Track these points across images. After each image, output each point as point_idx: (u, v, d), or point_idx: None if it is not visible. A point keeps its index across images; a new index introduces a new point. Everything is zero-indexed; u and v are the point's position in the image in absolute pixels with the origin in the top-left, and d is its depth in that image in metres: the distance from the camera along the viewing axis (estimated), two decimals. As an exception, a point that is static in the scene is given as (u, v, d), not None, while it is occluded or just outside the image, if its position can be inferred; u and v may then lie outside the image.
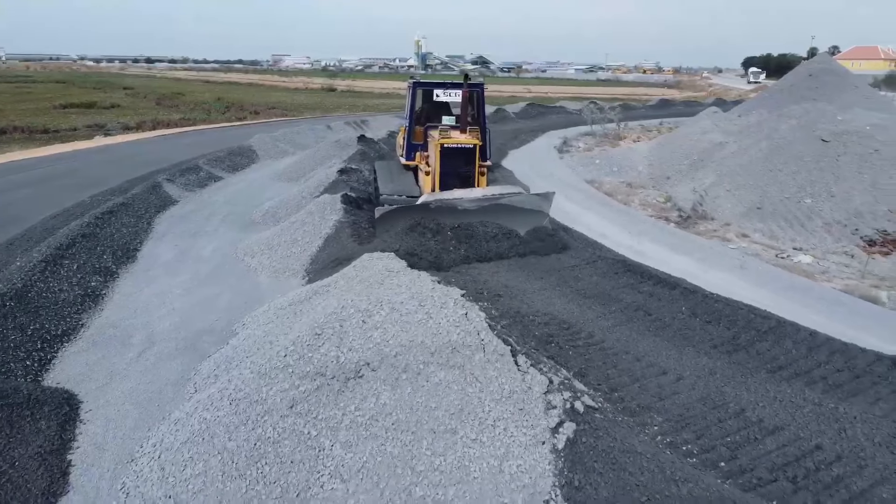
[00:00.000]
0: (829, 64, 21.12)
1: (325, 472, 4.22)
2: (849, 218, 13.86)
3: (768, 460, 4.67)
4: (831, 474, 4.53)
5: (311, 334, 4.91)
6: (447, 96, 12.12)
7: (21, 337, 6.62)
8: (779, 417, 5.22)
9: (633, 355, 6.28)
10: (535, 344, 6.27)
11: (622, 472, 4.14)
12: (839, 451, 4.79)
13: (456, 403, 4.49)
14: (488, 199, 9.84)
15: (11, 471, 4.63)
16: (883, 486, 4.41)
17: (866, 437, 4.95)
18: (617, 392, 5.53)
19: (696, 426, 5.09)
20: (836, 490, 4.37)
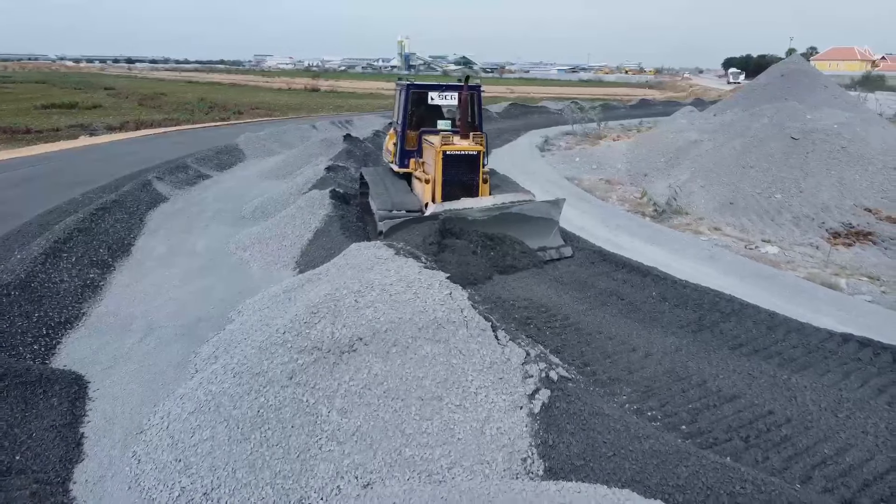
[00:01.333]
0: (800, 65, 21.85)
1: (323, 435, 4.63)
2: (816, 212, 14.50)
3: (724, 423, 5.16)
4: (780, 434, 5.02)
5: (307, 313, 5.32)
6: (442, 99, 11.37)
7: (27, 323, 6.96)
8: (736, 387, 5.71)
9: (605, 335, 6.76)
10: (515, 326, 6.72)
11: (591, 431, 4.60)
12: (789, 415, 5.29)
13: (441, 373, 4.92)
14: (498, 208, 9.49)
15: (30, 441, 5.00)
16: (825, 443, 4.90)
17: (814, 403, 5.46)
18: (589, 366, 6.00)
19: (661, 395, 5.57)
20: (783, 447, 4.86)
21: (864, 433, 5.01)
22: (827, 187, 15.37)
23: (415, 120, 11.51)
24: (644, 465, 4.21)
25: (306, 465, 4.50)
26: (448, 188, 10.08)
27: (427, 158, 10.75)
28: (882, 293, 9.13)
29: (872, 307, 8.40)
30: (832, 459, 4.70)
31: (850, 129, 17.05)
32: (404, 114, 11.37)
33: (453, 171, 10.07)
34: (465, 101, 10.48)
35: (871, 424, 5.13)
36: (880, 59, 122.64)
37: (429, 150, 10.62)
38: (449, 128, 11.20)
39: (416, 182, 11.16)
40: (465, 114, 10.53)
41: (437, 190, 10.12)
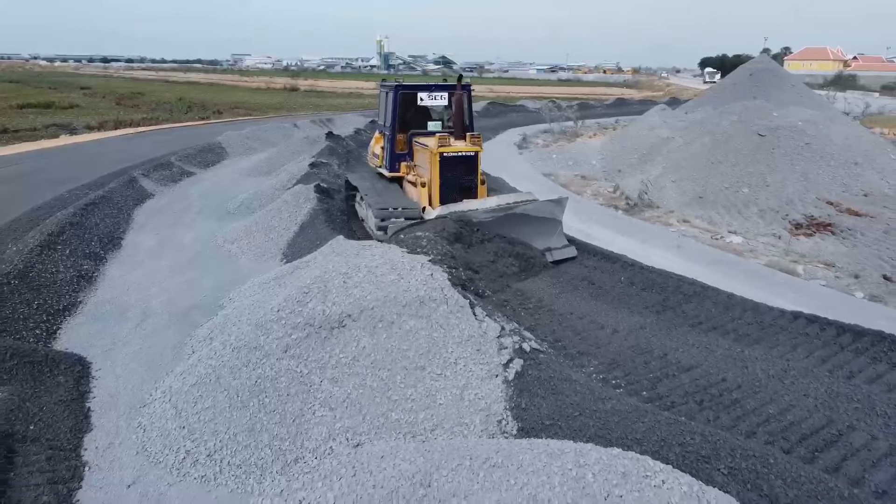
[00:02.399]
0: (768, 64, 22.61)
1: (316, 402, 5.06)
2: (781, 205, 15.16)
3: (681, 389, 5.68)
4: (731, 398, 5.55)
5: (299, 293, 5.75)
6: (432, 100, 10.99)
7: (28, 310, 7.29)
8: (694, 359, 6.24)
9: (576, 315, 7.26)
10: (492, 307, 7.19)
11: (560, 395, 5.08)
12: (740, 382, 5.83)
13: (424, 346, 5.38)
14: (503, 209, 9.25)
15: (41, 413, 5.37)
16: (770, 405, 5.44)
17: (763, 372, 6.00)
18: (560, 342, 6.50)
19: (625, 367, 6.09)
20: (732, 409, 5.39)
21: (805, 396, 5.56)
22: (791, 181, 16.06)
23: (404, 122, 11.10)
24: (606, 422, 4.70)
25: (301, 429, 4.93)
26: (446, 191, 9.80)
27: (420, 161, 10.49)
28: (836, 278, 9.75)
29: (826, 290, 9.01)
30: (775, 418, 5.24)
31: (814, 127, 17.78)
32: (393, 116, 10.96)
33: (451, 174, 9.79)
34: (460, 101, 10.27)
35: (812, 389, 5.68)
36: (852, 59, 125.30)
37: (422, 153, 10.35)
38: (439, 129, 10.90)
39: (408, 186, 10.81)
40: (459, 114, 10.30)
41: (435, 193, 9.85)
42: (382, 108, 11.84)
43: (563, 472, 3.72)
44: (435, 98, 11.01)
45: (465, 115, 10.92)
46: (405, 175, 10.83)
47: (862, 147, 18.05)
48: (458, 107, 10.29)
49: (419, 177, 10.26)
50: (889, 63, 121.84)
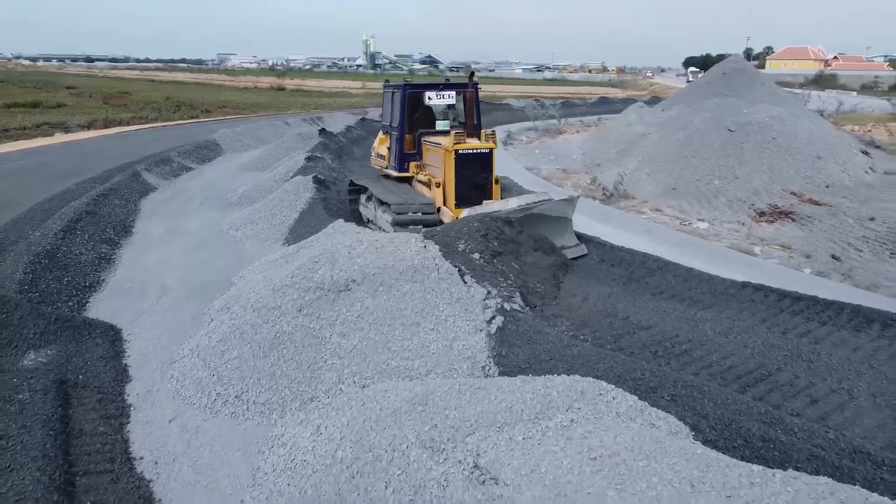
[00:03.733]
0: (740, 64, 23.70)
1: (327, 352, 5.93)
2: (748, 195, 16.19)
3: (639, 343, 6.60)
4: (681, 349, 6.48)
5: (310, 262, 6.62)
6: (440, 99, 10.95)
7: (60, 285, 8.10)
8: (652, 320, 7.17)
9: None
10: (482, 276, 8.08)
11: (534, 345, 5.99)
12: (690, 337, 6.76)
13: (419, 306, 6.27)
14: (523, 209, 9.08)
15: (85, 367, 6.20)
16: (713, 354, 6.37)
17: (711, 330, 6.94)
18: (537, 307, 7.40)
19: (593, 326, 7.00)
20: (682, 357, 6.32)
21: (744, 347, 6.50)
22: (759, 174, 17.11)
23: (411, 122, 11.09)
24: (573, 363, 5.61)
25: (315, 374, 5.80)
26: (461, 189, 9.69)
27: (432, 161, 10.42)
28: (789, 258, 10.76)
29: (778, 267, 10.00)
30: (716, 363, 6.18)
31: (781, 123, 18.87)
32: (402, 115, 10.88)
33: (466, 172, 9.67)
34: (472, 99, 10.34)
35: (750, 342, 6.62)
36: (833, 58, 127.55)
37: (434, 152, 10.31)
38: (447, 128, 10.92)
39: (418, 186, 10.82)
40: (471, 112, 10.35)
41: (450, 192, 9.74)
42: (388, 109, 11.77)
43: (534, 391, 4.62)
44: (443, 97, 10.98)
45: (476, 114, 11.06)
46: (415, 175, 10.86)
47: (826, 142, 19.17)
48: (471, 104, 10.38)
49: (433, 177, 10.22)
50: (868, 63, 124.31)
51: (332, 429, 4.86)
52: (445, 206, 9.83)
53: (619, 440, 3.99)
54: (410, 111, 11.02)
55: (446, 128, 10.97)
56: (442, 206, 9.87)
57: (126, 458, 4.98)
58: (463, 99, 11.02)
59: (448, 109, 11.53)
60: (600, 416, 4.44)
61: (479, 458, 3.99)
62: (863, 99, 51.63)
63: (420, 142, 10.92)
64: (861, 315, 7.13)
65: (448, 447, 4.14)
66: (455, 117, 11.45)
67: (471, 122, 10.39)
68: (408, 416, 4.53)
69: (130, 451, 5.10)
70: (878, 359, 6.29)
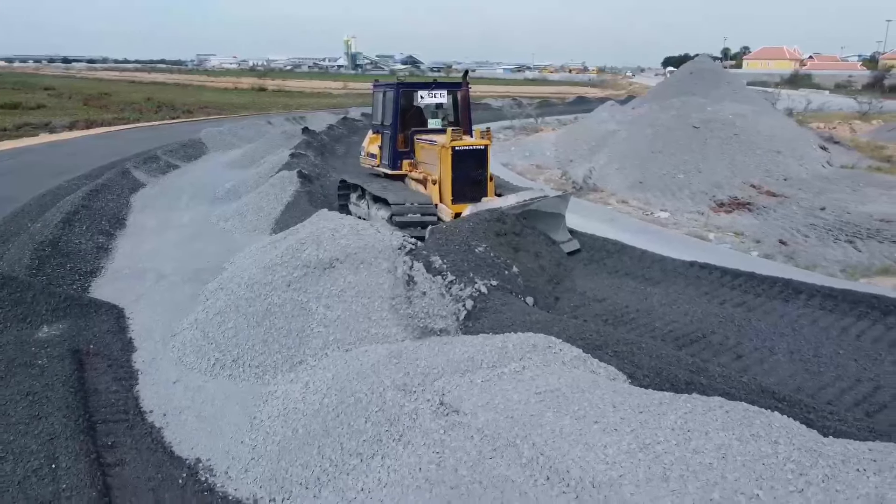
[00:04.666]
0: (707, 64, 24.75)
1: (314, 321, 6.66)
2: (710, 188, 17.13)
3: (592, 313, 7.42)
4: (629, 318, 7.30)
5: (297, 243, 7.35)
6: (432, 97, 11.22)
7: (63, 271, 8.75)
8: (606, 294, 7.99)
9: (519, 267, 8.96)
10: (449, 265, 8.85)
11: (499, 314, 6.77)
12: (639, 308, 7.58)
13: (393, 278, 7.03)
14: (522, 206, 9.35)
15: (94, 338, 6.88)
16: (658, 321, 7.19)
17: (658, 302, 7.77)
18: (503, 283, 8.18)
19: (551, 299, 7.80)
20: (629, 324, 7.14)
21: (685, 315, 7.34)
22: (721, 168, 18.07)
23: (404, 120, 11.31)
24: (531, 327, 6.38)
25: (303, 340, 6.52)
26: (458, 186, 9.95)
27: (426, 158, 10.69)
28: (740, 243, 11.66)
29: (728, 251, 10.88)
30: (659, 329, 7.00)
31: (743, 119, 19.88)
32: (395, 114, 11.08)
33: (463, 168, 9.89)
34: (466, 97, 10.57)
35: (691, 311, 7.45)
36: (808, 58, 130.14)
37: (428, 150, 10.57)
38: (439, 126, 11.18)
39: (412, 184, 11.05)
40: (466, 110, 10.61)
41: (447, 189, 9.97)
42: (379, 108, 11.93)
43: (493, 345, 5.40)
44: (435, 96, 11.24)
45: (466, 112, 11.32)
46: (409, 172, 11.09)
47: (785, 137, 20.22)
48: (465, 103, 10.64)
49: (428, 174, 10.46)
50: (843, 62, 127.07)
51: (320, 382, 5.61)
52: (442, 203, 10.10)
53: (562, 380, 4.78)
54: (403, 110, 11.23)
55: (438, 126, 11.22)
56: (439, 202, 10.12)
57: (138, 410, 5.68)
58: (454, 98, 11.36)
59: (437, 108, 11.79)
60: (548, 364, 5.23)
61: (444, 396, 4.75)
62: (832, 98, 53.18)
63: (412, 140, 11.15)
64: (791, 287, 8.01)
65: (418, 389, 4.89)
66: (445, 116, 11.71)
67: (466, 120, 10.62)
68: (384, 367, 5.28)
69: (141, 405, 5.80)
70: (800, 323, 7.16)
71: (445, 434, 4.30)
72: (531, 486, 3.48)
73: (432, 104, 11.64)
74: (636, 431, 3.74)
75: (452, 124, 11.19)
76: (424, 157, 10.83)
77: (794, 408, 4.88)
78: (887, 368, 6.09)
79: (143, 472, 4.76)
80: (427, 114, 11.80)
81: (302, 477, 4.60)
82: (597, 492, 3.24)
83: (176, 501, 4.47)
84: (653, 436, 3.65)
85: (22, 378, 5.80)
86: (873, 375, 5.97)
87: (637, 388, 4.72)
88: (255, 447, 5.09)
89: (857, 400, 5.54)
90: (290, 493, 4.52)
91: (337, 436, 4.78)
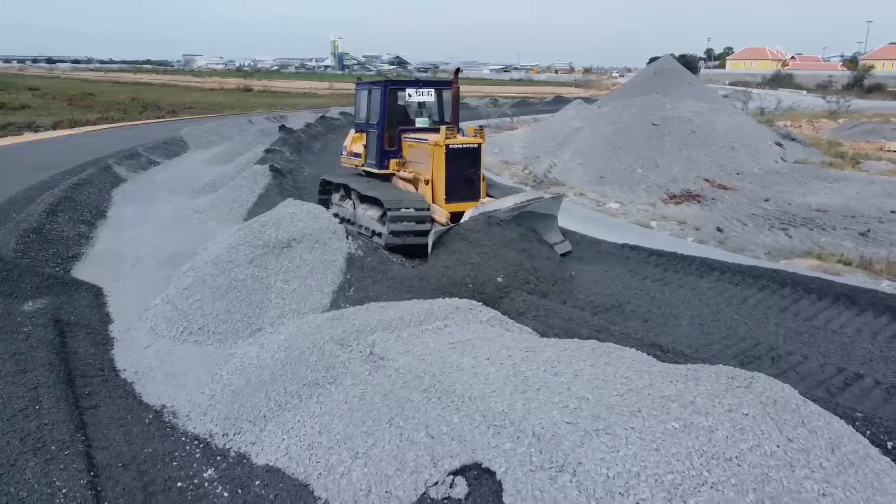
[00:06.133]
0: (671, 64, 25.79)
1: (272, 294, 7.48)
2: (666, 182, 18.05)
3: (533, 279, 8.27)
4: (556, 290, 8.16)
5: (259, 226, 8.16)
6: (420, 96, 11.06)
7: (47, 255, 9.48)
8: (550, 271, 8.83)
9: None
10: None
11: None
12: (574, 284, 8.45)
13: (344, 256, 7.86)
14: (519, 207, 9.35)
15: (75, 312, 7.64)
16: (579, 294, 8.06)
17: (585, 278, 8.64)
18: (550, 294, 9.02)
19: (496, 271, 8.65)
20: (556, 296, 8.00)
21: (606, 289, 8.21)
22: (678, 163, 19.01)
23: (391, 119, 11.09)
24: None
25: (262, 310, 7.34)
26: (452, 184, 9.82)
27: (417, 157, 10.55)
28: (681, 230, 12.58)
29: (666, 236, 11.80)
30: (582, 300, 7.87)
31: (700, 117, 20.85)
32: (382, 113, 10.90)
33: (456, 167, 9.79)
34: (456, 95, 10.41)
35: (614, 286, 8.34)
36: (790, 58, 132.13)
37: (419, 149, 10.44)
38: (427, 125, 11.13)
39: (399, 183, 10.91)
40: (456, 108, 10.45)
41: (441, 188, 9.85)
42: (364, 106, 11.77)
43: (422, 307, 6.26)
44: (422, 94, 11.10)
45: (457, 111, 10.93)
46: (396, 172, 10.95)
47: (741, 134, 21.22)
48: (456, 102, 10.49)
49: (420, 174, 10.30)
50: (825, 62, 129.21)
51: (272, 344, 6.43)
52: (435, 203, 9.95)
53: (475, 334, 5.63)
54: (391, 108, 11.07)
55: (426, 125, 11.16)
56: (432, 202, 9.97)
57: (112, 369, 6.47)
58: (441, 96, 11.35)
59: (420, 107, 11.58)
60: (468, 322, 6.09)
61: (374, 347, 5.58)
62: (804, 97, 54.53)
63: (400, 138, 11.01)
64: (706, 265, 8.93)
65: (353, 342, 5.73)
66: (430, 114, 11.57)
67: (456, 118, 10.49)
68: (327, 326, 6.11)
69: (115, 365, 6.59)
70: (707, 295, 8.06)
71: (370, 375, 5.14)
72: (425, 402, 4.32)
73: (415, 103, 11.46)
74: (516, 364, 4.59)
75: (440, 123, 11.13)
76: (414, 155, 10.70)
77: (675, 356, 5.75)
78: (769, 329, 7.00)
79: (114, 413, 5.55)
80: (411, 112, 11.67)
81: (251, 415, 5.41)
82: (472, 402, 4.09)
83: (142, 435, 5.27)
84: (527, 366, 4.51)
85: (9, 342, 6.55)
86: (757, 335, 6.87)
87: (536, 337, 5.58)
88: (214, 395, 5.89)
89: (735, 353, 6.44)
90: (240, 429, 5.33)
91: (282, 382, 5.60)
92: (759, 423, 3.54)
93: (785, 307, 7.61)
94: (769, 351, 6.48)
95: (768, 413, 3.63)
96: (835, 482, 3.49)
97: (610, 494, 3.10)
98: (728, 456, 3.33)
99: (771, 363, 6.23)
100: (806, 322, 7.20)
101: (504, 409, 3.86)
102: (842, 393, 5.68)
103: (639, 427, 3.45)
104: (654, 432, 3.41)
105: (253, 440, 5.14)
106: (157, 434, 5.32)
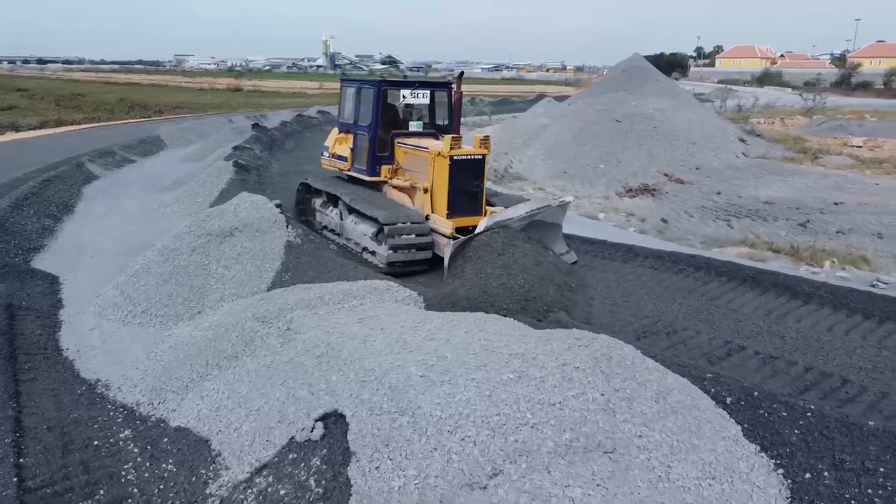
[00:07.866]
0: (638, 62, 26.35)
1: (213, 279, 7.95)
2: (626, 177, 18.63)
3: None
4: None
5: (204, 216, 8.64)
6: (415, 98, 10.38)
7: (7, 247, 9.92)
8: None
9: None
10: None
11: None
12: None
13: (283, 244, 8.35)
14: (529, 216, 8.75)
15: (28, 298, 8.10)
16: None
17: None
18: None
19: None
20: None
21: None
22: (639, 158, 19.59)
23: (384, 122, 10.37)
24: (356, 277, 7.73)
25: (203, 295, 7.82)
26: (454, 197, 9.09)
27: (413, 165, 9.86)
28: (627, 221, 13.10)
29: (609, 227, 12.31)
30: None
31: (662, 113, 21.44)
32: (375, 115, 10.06)
33: (460, 180, 9.05)
34: (459, 99, 9.76)
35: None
36: (779, 56, 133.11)
37: (415, 156, 9.77)
38: (421, 129, 10.53)
39: (390, 191, 10.22)
40: (458, 113, 9.82)
41: (442, 201, 9.14)
42: (352, 106, 10.91)
43: (341, 288, 6.75)
44: (418, 96, 10.43)
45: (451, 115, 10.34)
46: (388, 179, 10.26)
47: (703, 130, 21.81)
48: (458, 105, 9.87)
49: (419, 182, 9.61)
50: (814, 60, 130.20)
51: (205, 324, 6.92)
52: (435, 214, 9.32)
53: (383, 310, 6.13)
54: (385, 110, 10.32)
55: (419, 128, 10.53)
56: (431, 213, 9.36)
57: (56, 347, 6.94)
58: (433, 98, 10.62)
59: (407, 108, 10.95)
60: (383, 301, 6.59)
61: (291, 323, 6.07)
62: (783, 94, 55.23)
63: (392, 143, 10.27)
64: (632, 252, 9.46)
65: (273, 319, 6.22)
66: (420, 117, 10.88)
67: (458, 123, 9.89)
68: (252, 306, 6.61)
69: (59, 345, 7.06)
70: (626, 278, 8.60)
71: (281, 347, 5.63)
72: (315, 366, 4.82)
73: (414, 104, 10.79)
74: (404, 333, 5.10)
75: (431, 126, 10.67)
76: (410, 163, 9.97)
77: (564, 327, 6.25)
78: (673, 308, 7.53)
79: (49, 385, 6.03)
80: (402, 113, 10.94)
81: (175, 386, 5.90)
82: (352, 363, 4.59)
83: (72, 404, 5.74)
84: (411, 334, 5.01)
85: (-40, 324, 7.02)
86: (660, 313, 7.40)
87: (437, 312, 6.08)
88: (146, 370, 6.37)
89: (635, 329, 6.97)
90: (165, 398, 5.81)
91: (205, 356, 6.09)
92: (587, 374, 4.05)
93: (694, 288, 8.14)
94: (667, 327, 7.00)
95: (600, 367, 4.14)
96: (653, 426, 4.00)
97: (440, 432, 3.60)
98: (552, 402, 3.84)
99: (665, 337, 6.75)
100: (709, 302, 7.73)
101: (373, 367, 4.36)
102: (721, 362, 6.20)
103: (479, 378, 3.96)
104: (491, 382, 3.92)
105: (174, 407, 5.62)
106: (85, 403, 5.80)
